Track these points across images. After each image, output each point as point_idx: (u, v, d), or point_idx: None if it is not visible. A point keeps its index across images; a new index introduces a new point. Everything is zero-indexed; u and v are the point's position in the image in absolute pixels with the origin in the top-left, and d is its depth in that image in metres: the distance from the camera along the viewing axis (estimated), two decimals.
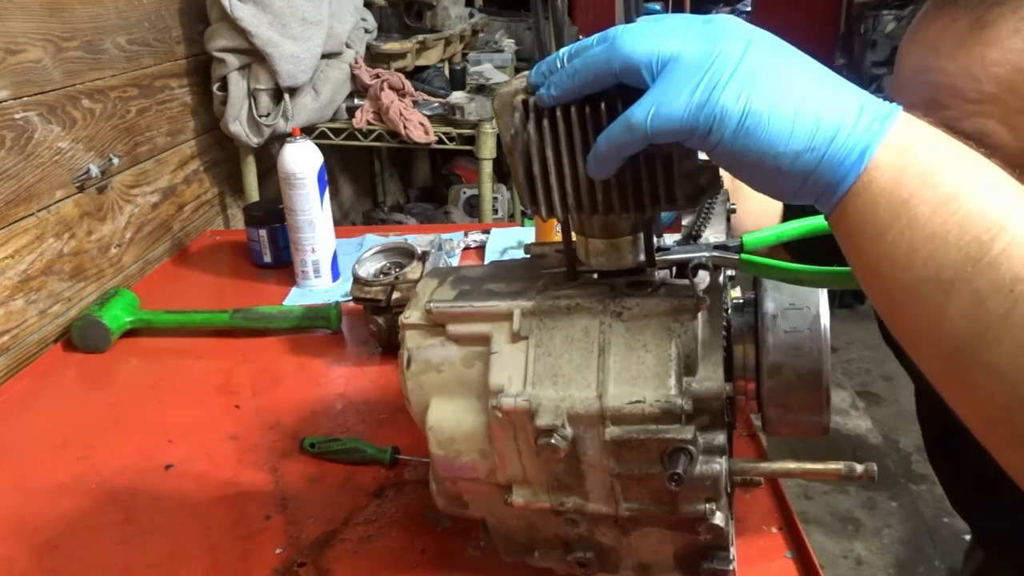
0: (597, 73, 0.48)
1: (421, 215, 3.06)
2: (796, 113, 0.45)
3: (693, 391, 0.53)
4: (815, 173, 0.46)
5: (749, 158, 0.46)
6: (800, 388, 0.54)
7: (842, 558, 2.26)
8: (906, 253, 0.45)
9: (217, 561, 0.73)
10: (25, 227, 1.16)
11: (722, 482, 0.54)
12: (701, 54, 0.45)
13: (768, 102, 0.45)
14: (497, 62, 2.54)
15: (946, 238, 0.43)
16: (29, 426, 0.99)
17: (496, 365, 0.57)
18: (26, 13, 1.17)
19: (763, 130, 0.45)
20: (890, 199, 0.45)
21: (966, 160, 0.45)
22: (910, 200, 0.44)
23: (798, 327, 0.53)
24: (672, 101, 0.45)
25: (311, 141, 1.31)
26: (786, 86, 0.45)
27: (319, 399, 1.01)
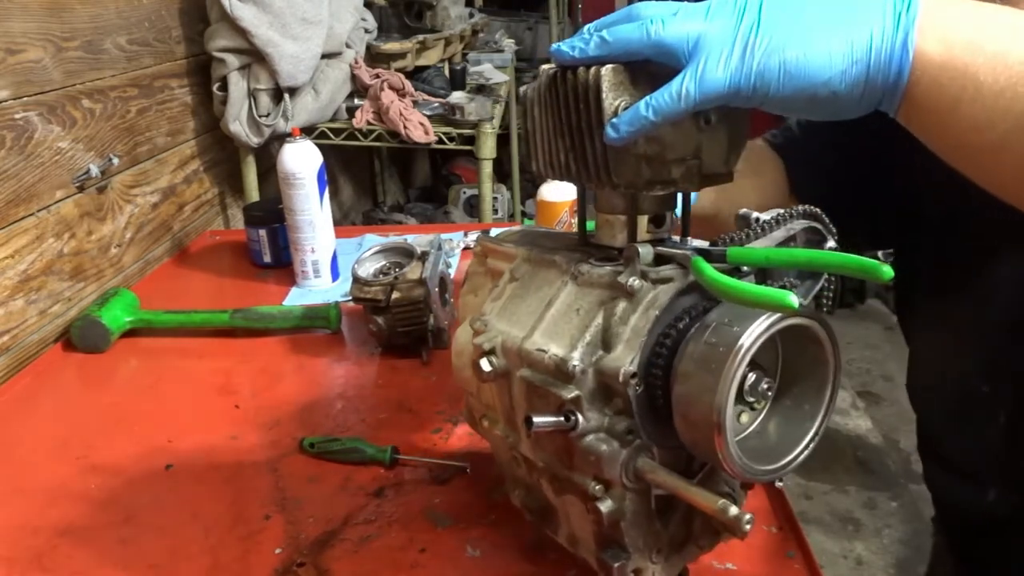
0: (628, 51, 0.52)
1: (421, 215, 3.06)
2: (828, 41, 0.49)
3: (596, 363, 0.56)
4: (868, 83, 0.50)
5: (801, 97, 0.50)
6: (698, 404, 0.53)
7: (842, 558, 2.26)
8: (986, 115, 0.49)
9: (217, 561, 0.73)
10: (25, 227, 1.16)
11: (611, 467, 0.55)
12: (725, 25, 0.50)
13: (799, 46, 0.49)
14: (497, 62, 2.54)
15: (1016, 88, 0.48)
16: (29, 426, 0.99)
17: (490, 295, 0.65)
18: (26, 13, 1.17)
19: (803, 70, 0.49)
20: (948, 74, 0.49)
21: (1000, 13, 0.50)
22: (967, 69, 0.48)
23: (719, 343, 0.52)
24: (712, 72, 0.49)
25: (311, 141, 1.31)
26: (809, 23, 0.49)
27: (319, 399, 1.01)
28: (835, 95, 0.50)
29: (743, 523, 0.50)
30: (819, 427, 0.57)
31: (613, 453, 0.56)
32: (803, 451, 0.57)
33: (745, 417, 0.58)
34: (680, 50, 0.50)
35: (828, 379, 0.56)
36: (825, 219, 0.60)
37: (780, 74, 0.49)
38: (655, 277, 0.56)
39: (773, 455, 0.56)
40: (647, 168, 0.56)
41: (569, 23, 4.32)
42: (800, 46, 0.49)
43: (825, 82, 0.49)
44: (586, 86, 0.55)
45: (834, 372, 0.56)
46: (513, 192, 3.38)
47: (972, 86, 0.48)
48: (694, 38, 0.50)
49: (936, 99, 0.49)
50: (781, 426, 0.58)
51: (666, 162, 0.56)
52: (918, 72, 0.49)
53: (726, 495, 0.59)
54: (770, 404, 0.58)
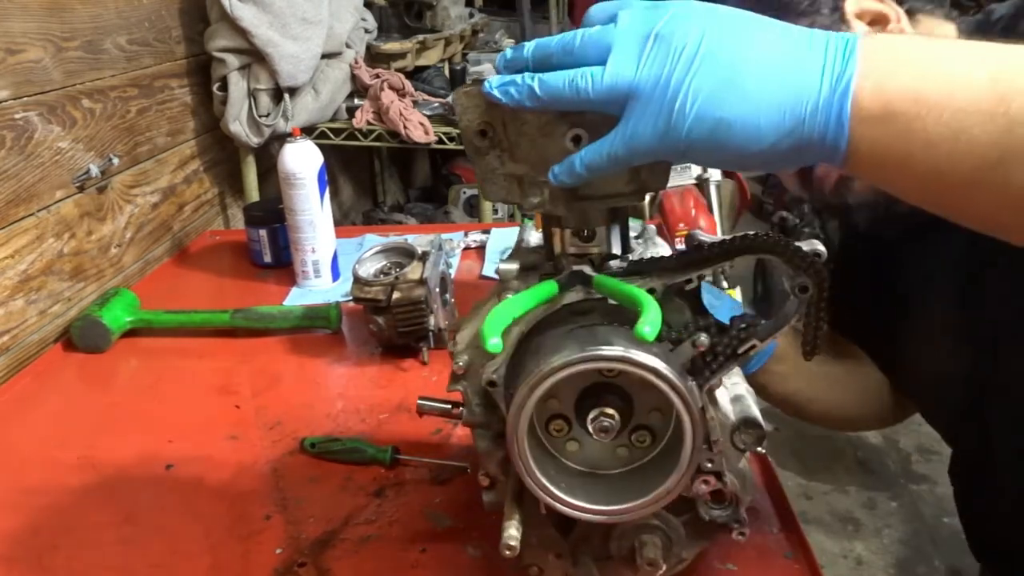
0: (560, 106, 0.51)
1: (421, 215, 3.06)
2: (760, 108, 0.46)
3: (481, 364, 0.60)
4: (803, 150, 0.48)
5: (731, 159, 0.49)
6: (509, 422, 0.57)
7: (842, 558, 2.26)
8: (945, 161, 0.46)
9: (217, 561, 0.73)
10: (25, 227, 1.16)
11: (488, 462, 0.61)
12: (656, 79, 0.47)
13: (730, 109, 0.47)
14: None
15: (970, 130, 0.45)
16: (29, 426, 0.99)
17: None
18: (26, 13, 1.17)
19: (733, 137, 0.47)
20: (893, 131, 0.46)
21: (938, 56, 0.47)
22: (913, 123, 0.45)
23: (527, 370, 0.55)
24: (639, 134, 0.48)
25: (311, 141, 1.31)
26: (743, 85, 0.47)
27: (319, 399, 1.01)
28: (767, 159, 0.49)
29: (502, 547, 0.56)
30: (666, 488, 0.55)
31: (489, 450, 0.61)
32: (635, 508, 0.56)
33: (624, 452, 0.59)
34: (610, 106, 0.49)
35: (684, 437, 0.53)
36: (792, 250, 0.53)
37: (710, 139, 0.47)
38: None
39: (622, 498, 0.56)
40: (516, 188, 0.57)
41: (569, 23, 4.32)
42: (731, 110, 0.46)
43: (756, 150, 0.48)
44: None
45: (690, 430, 0.53)
46: None
47: (921, 138, 0.45)
48: (623, 92, 0.48)
49: (883, 155, 0.47)
50: (649, 472, 0.57)
51: (536, 182, 0.57)
52: (859, 134, 0.46)
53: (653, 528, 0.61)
54: (660, 450, 0.58)
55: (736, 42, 0.47)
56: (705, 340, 0.55)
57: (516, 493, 0.60)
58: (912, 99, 0.45)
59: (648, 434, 0.57)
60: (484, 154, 0.56)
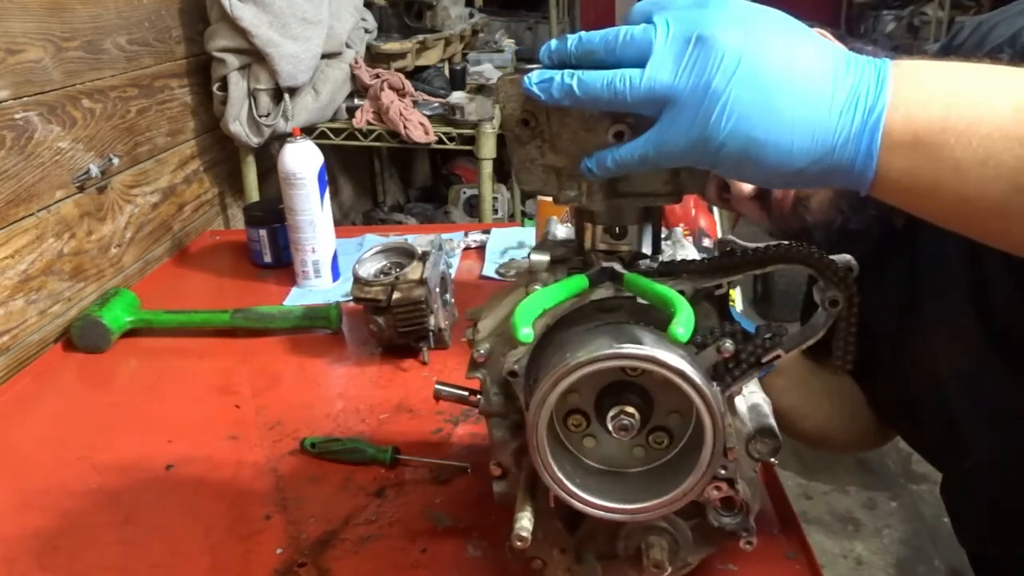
0: (597, 105, 0.51)
1: (421, 215, 3.06)
2: (793, 134, 0.47)
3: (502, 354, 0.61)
4: (830, 175, 0.48)
5: (758, 176, 0.49)
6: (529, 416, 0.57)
7: (842, 558, 2.26)
8: (974, 187, 0.46)
9: (217, 561, 0.73)
10: (25, 227, 1.16)
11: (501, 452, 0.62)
12: (694, 88, 0.47)
13: (762, 133, 0.47)
14: (497, 62, 2.54)
15: (1000, 156, 0.45)
16: (29, 426, 0.99)
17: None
18: (26, 13, 1.17)
19: (764, 157, 0.47)
20: (921, 159, 0.46)
21: (963, 83, 0.47)
22: (941, 151, 0.46)
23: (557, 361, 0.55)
24: (672, 139, 0.49)
25: (311, 141, 1.31)
26: (777, 107, 0.47)
27: (319, 399, 1.01)
28: (794, 181, 0.49)
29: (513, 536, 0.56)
30: (682, 491, 0.55)
31: (504, 440, 0.61)
32: (650, 508, 0.56)
33: (640, 452, 0.58)
34: (648, 109, 0.49)
35: (705, 439, 0.53)
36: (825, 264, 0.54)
37: (741, 155, 0.48)
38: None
39: (636, 497, 0.56)
40: (554, 179, 0.57)
41: (569, 23, 4.32)
42: (766, 131, 0.47)
43: (785, 171, 0.48)
44: (498, 97, 0.56)
45: (711, 433, 0.53)
46: (513, 192, 3.37)
47: (950, 165, 0.46)
48: (660, 97, 0.48)
49: (912, 182, 0.47)
50: (664, 475, 0.57)
51: (573, 175, 0.57)
52: (887, 162, 0.47)
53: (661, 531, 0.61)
54: (676, 453, 0.58)
55: (774, 58, 0.47)
56: (730, 346, 0.54)
57: (529, 485, 0.59)
58: (940, 128, 0.46)
59: (666, 436, 0.57)
60: (524, 143, 0.56)
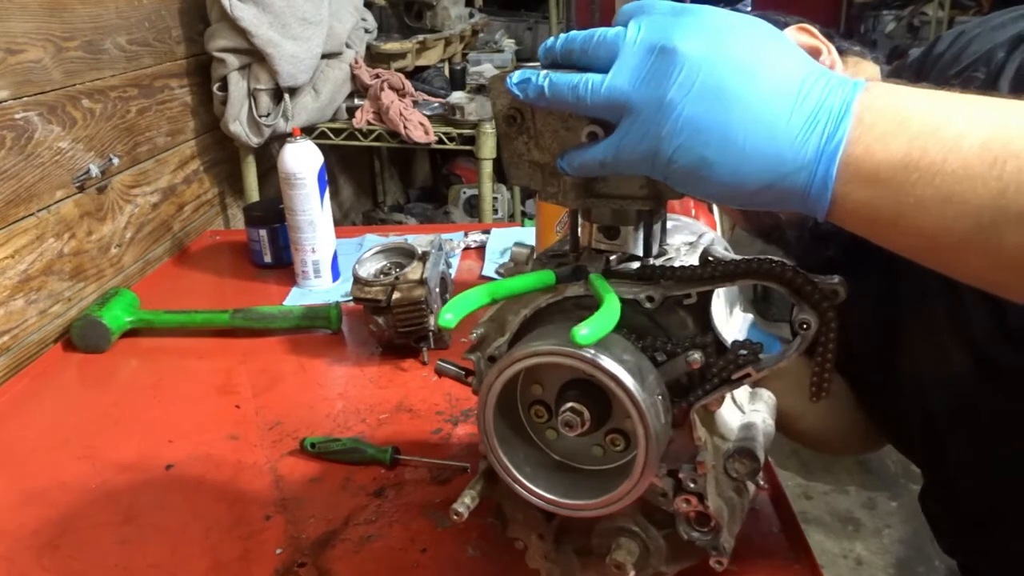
0: (563, 106, 0.52)
1: (421, 215, 3.06)
2: (742, 158, 0.46)
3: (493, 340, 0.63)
4: (785, 201, 0.47)
5: (709, 194, 0.48)
6: None
7: (842, 558, 2.26)
8: (936, 223, 0.44)
9: (217, 561, 0.73)
10: (25, 227, 1.16)
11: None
12: (648, 100, 0.47)
13: (712, 149, 0.46)
14: (497, 62, 2.54)
15: (963, 195, 0.43)
16: (29, 426, 0.99)
17: None
18: (26, 13, 1.17)
19: (714, 176, 0.47)
20: (882, 196, 0.45)
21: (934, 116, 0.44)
22: (903, 187, 0.44)
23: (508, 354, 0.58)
24: (629, 147, 0.49)
25: (311, 141, 1.31)
26: (731, 129, 0.46)
27: (319, 399, 1.01)
28: (746, 203, 0.49)
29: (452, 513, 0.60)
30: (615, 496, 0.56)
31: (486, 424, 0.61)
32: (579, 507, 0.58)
33: (599, 451, 0.60)
34: (609, 115, 0.50)
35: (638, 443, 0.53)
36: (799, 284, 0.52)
37: (691, 172, 0.47)
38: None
39: (577, 495, 0.58)
40: (539, 175, 0.58)
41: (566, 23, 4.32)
42: (716, 152, 0.46)
43: (735, 193, 0.47)
44: (489, 92, 0.58)
45: (644, 445, 0.53)
46: (513, 192, 3.37)
47: (911, 201, 0.44)
48: (619, 104, 0.48)
49: (871, 214, 0.46)
50: (611, 477, 0.58)
51: (554, 172, 0.57)
52: (843, 194, 0.45)
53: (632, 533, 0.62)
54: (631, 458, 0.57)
55: (736, 76, 0.46)
56: (698, 358, 0.54)
57: (488, 469, 0.62)
58: (902, 165, 0.44)
59: (623, 439, 0.57)
60: (512, 139, 0.57)
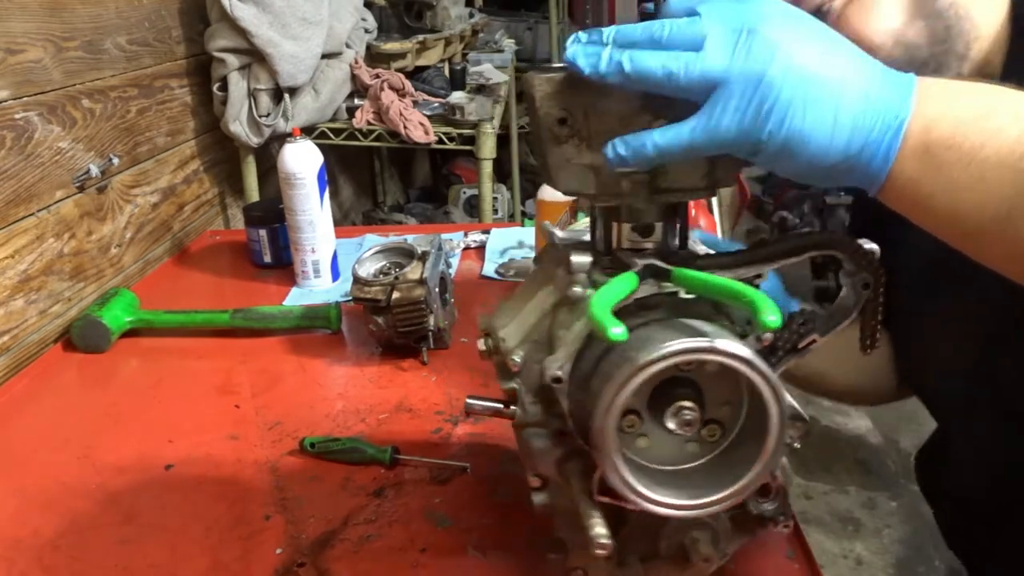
0: (647, 86, 0.51)
1: (421, 215, 3.06)
2: (833, 130, 0.49)
3: (540, 362, 0.57)
4: (851, 173, 0.51)
5: (793, 167, 0.51)
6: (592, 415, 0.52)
7: (842, 558, 2.26)
8: (963, 206, 0.50)
9: (217, 561, 0.73)
10: (25, 227, 1.16)
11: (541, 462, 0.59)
12: (747, 75, 0.49)
13: (808, 125, 0.49)
14: (497, 62, 2.54)
15: (991, 182, 0.48)
16: (29, 426, 0.99)
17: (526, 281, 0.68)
18: (26, 13, 1.17)
19: (805, 149, 0.50)
20: (924, 175, 0.50)
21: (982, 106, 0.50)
22: (942, 168, 0.49)
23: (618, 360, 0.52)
24: (722, 124, 0.50)
25: (311, 141, 1.31)
26: (824, 103, 0.49)
27: (319, 399, 1.01)
28: (822, 176, 0.52)
29: (593, 544, 0.53)
30: (753, 478, 0.54)
31: (544, 449, 0.59)
32: (720, 500, 0.54)
33: (694, 447, 0.57)
34: (698, 92, 0.50)
35: (770, 428, 0.53)
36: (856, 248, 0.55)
37: (783, 144, 0.50)
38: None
39: (698, 493, 0.55)
40: (593, 178, 0.56)
41: (568, 23, 4.32)
42: (809, 124, 0.49)
43: (819, 166, 0.50)
44: (529, 95, 0.55)
45: (777, 421, 0.52)
46: (513, 192, 3.38)
47: (946, 182, 0.49)
48: (714, 82, 0.49)
49: (913, 191, 0.51)
50: (720, 467, 0.56)
51: (613, 174, 0.55)
52: (898, 168, 0.50)
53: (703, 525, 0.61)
54: (733, 440, 0.57)
55: (819, 56, 0.49)
56: (769, 335, 0.55)
57: (588, 493, 0.57)
58: (947, 145, 0.49)
59: (719, 428, 0.56)
60: (561, 143, 0.55)
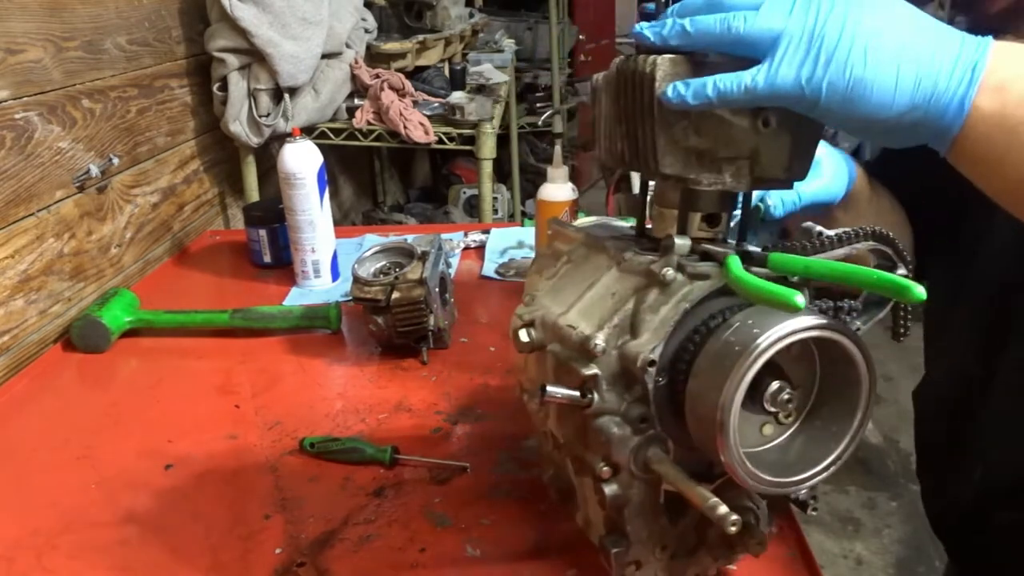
0: (708, 43, 0.52)
1: (421, 215, 3.06)
2: (897, 78, 0.49)
3: (621, 347, 0.56)
4: (921, 126, 0.51)
5: (856, 120, 0.51)
6: (706, 400, 0.52)
7: (842, 558, 2.26)
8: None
9: (217, 561, 0.73)
10: (25, 227, 1.16)
11: (620, 451, 0.56)
12: (806, 27, 0.49)
13: (870, 73, 0.49)
14: (497, 62, 2.54)
15: None
16: (29, 426, 0.99)
17: (546, 274, 0.68)
18: (26, 13, 1.17)
19: (866, 97, 0.50)
20: (998, 132, 0.50)
21: None
22: (1017, 127, 0.49)
23: (735, 342, 0.52)
24: (784, 74, 0.50)
25: (311, 141, 1.31)
26: (886, 52, 0.49)
27: (319, 399, 1.01)
28: (887, 129, 0.51)
29: (727, 523, 0.51)
30: (843, 451, 0.56)
31: (624, 438, 0.57)
32: (820, 472, 0.56)
33: (769, 429, 0.57)
34: (759, 47, 0.51)
35: (859, 402, 0.55)
36: (896, 244, 0.57)
37: (844, 93, 0.50)
38: (692, 272, 0.56)
39: (790, 471, 0.55)
40: (696, 162, 0.57)
41: (569, 23, 4.32)
42: (871, 72, 0.49)
43: (883, 117, 0.50)
44: (642, 75, 0.55)
45: (867, 395, 0.54)
46: (513, 192, 3.38)
47: (1020, 142, 0.49)
48: (774, 35, 0.50)
49: (984, 151, 0.50)
50: (806, 444, 0.57)
51: (716, 159, 0.56)
52: (971, 124, 0.50)
53: (746, 509, 0.60)
54: (801, 420, 0.57)
55: (879, 10, 0.50)
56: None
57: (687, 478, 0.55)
58: (1020, 103, 0.49)
59: (793, 409, 0.57)
60: (672, 125, 0.56)
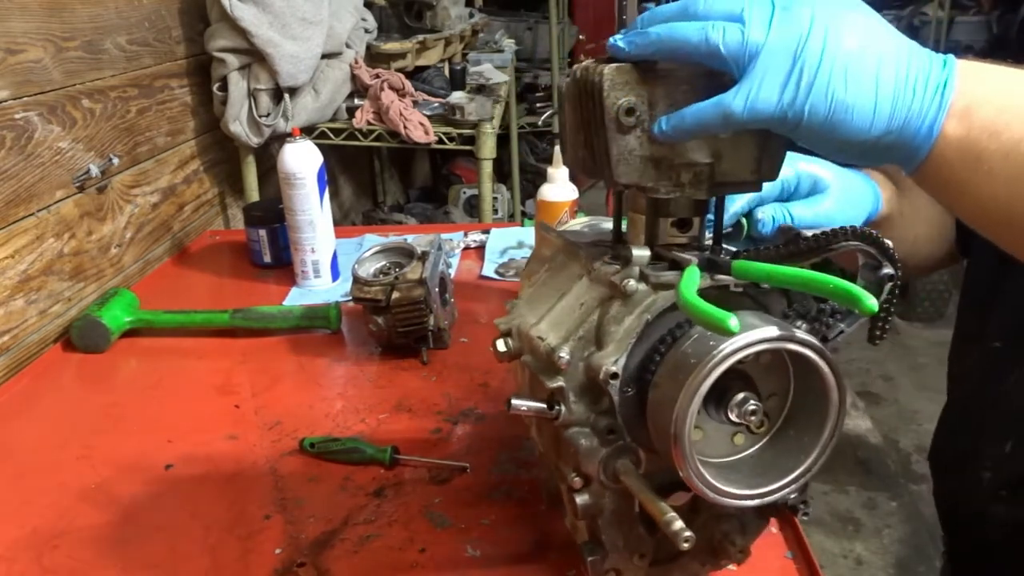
0: (683, 53, 0.50)
1: (421, 215, 3.06)
2: (876, 101, 0.48)
3: (587, 359, 0.56)
4: (894, 148, 0.50)
5: (834, 142, 0.50)
6: (663, 412, 0.51)
7: (842, 558, 2.26)
8: (998, 197, 0.49)
9: (217, 561, 0.73)
10: (25, 227, 1.16)
11: (588, 462, 0.56)
12: (787, 45, 0.48)
13: (851, 97, 0.48)
14: (497, 62, 2.54)
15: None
16: (29, 426, 0.99)
17: (531, 280, 0.68)
18: (26, 13, 1.17)
19: (848, 122, 0.49)
20: (961, 156, 0.49)
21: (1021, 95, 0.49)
22: (982, 154, 0.48)
23: (692, 354, 0.51)
24: (765, 96, 0.48)
25: (311, 141, 1.31)
26: (865, 74, 0.48)
27: (319, 399, 1.01)
28: (863, 151, 0.51)
29: (680, 539, 0.51)
30: (812, 463, 0.55)
31: (591, 449, 0.57)
32: (788, 484, 0.55)
33: (741, 439, 0.57)
34: (736, 62, 0.49)
35: (829, 414, 0.54)
36: (882, 243, 0.56)
37: (826, 116, 0.48)
38: (655, 282, 0.55)
39: (760, 482, 0.55)
40: (653, 170, 0.56)
41: (569, 23, 4.32)
42: (852, 96, 0.48)
43: (860, 139, 0.49)
44: (592, 84, 0.54)
45: (836, 407, 0.54)
46: (513, 192, 3.38)
47: (984, 169, 0.49)
48: (753, 51, 0.48)
49: (947, 176, 0.50)
50: (777, 455, 0.57)
51: (674, 165, 0.55)
52: (937, 149, 0.49)
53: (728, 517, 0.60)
54: (775, 431, 0.57)
55: (856, 29, 0.48)
56: (805, 327, 0.55)
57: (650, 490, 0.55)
58: (989, 132, 0.48)
59: (765, 419, 0.56)
60: (626, 133, 0.55)
